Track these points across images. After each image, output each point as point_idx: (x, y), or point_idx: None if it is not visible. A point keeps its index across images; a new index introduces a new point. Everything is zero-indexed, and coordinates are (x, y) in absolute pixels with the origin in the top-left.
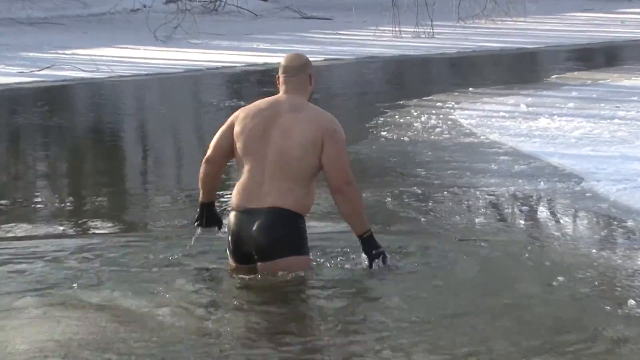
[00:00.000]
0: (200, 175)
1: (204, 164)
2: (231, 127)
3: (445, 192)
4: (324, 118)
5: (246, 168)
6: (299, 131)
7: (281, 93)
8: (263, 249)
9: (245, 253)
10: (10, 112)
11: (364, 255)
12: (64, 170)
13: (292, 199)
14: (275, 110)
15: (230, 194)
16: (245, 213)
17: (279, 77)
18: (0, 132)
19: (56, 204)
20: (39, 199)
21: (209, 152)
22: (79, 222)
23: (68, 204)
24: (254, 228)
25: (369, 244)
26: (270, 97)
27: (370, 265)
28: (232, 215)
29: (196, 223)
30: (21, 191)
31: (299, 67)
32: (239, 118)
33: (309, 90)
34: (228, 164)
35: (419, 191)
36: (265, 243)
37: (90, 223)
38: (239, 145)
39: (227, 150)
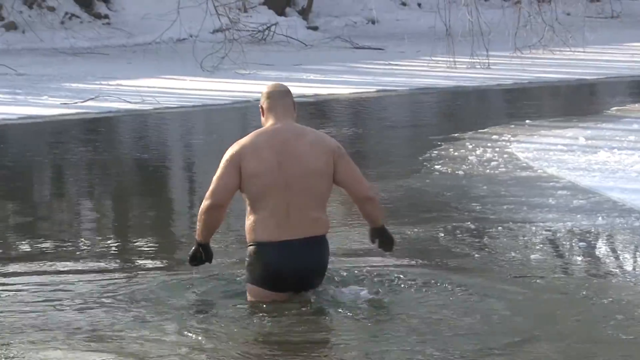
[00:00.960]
0: (207, 219)
1: (212, 210)
2: (237, 166)
3: (501, 228)
4: (327, 139)
5: (265, 202)
6: (312, 157)
7: (273, 120)
8: (313, 278)
9: (282, 283)
10: (53, 144)
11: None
12: (109, 204)
13: (322, 225)
14: (279, 138)
15: None
16: (278, 245)
17: (264, 106)
18: (44, 165)
19: (101, 240)
20: (82, 235)
21: (216, 197)
22: (125, 258)
23: (113, 239)
24: (300, 259)
25: (386, 230)
26: (266, 128)
27: (389, 245)
28: (260, 248)
29: (193, 263)
30: (65, 226)
31: (285, 92)
32: (246, 155)
33: (295, 116)
34: None
35: (474, 226)
36: (317, 272)
37: (136, 260)
38: (255, 181)
39: (234, 190)
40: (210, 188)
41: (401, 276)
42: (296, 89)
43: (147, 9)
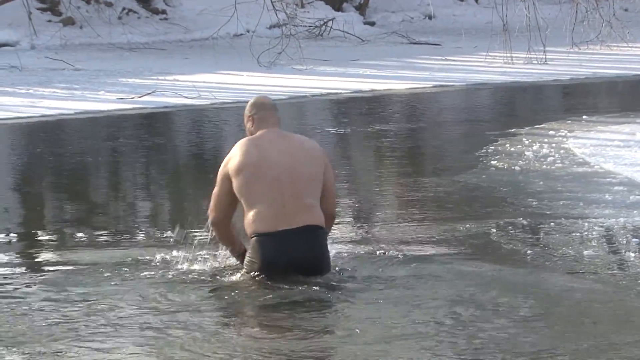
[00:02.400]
0: (217, 234)
1: (216, 226)
2: (227, 176)
3: (556, 223)
4: (317, 144)
5: (260, 196)
6: (304, 152)
7: (262, 130)
8: (313, 267)
9: (280, 271)
10: (110, 139)
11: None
12: (165, 199)
13: (319, 215)
14: (266, 138)
15: None
16: (276, 235)
17: (256, 116)
18: (101, 160)
19: (157, 231)
20: (139, 227)
21: (214, 214)
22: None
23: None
24: (299, 248)
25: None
26: (254, 135)
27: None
28: (259, 240)
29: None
30: (122, 219)
31: (275, 107)
32: (230, 159)
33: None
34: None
35: (529, 222)
36: (316, 262)
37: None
38: (240, 176)
39: (231, 202)
40: (210, 205)
41: (447, 270)
42: (353, 84)
43: (205, 4)
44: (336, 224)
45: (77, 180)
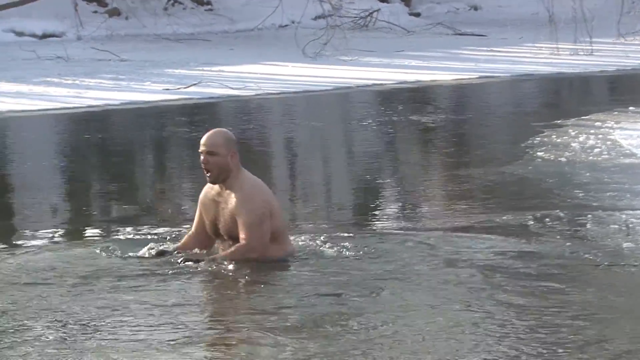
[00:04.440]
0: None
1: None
2: (269, 217)
3: (603, 215)
4: None
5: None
6: None
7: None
8: None
9: None
10: (156, 129)
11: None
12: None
13: None
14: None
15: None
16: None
17: (236, 154)
18: (147, 150)
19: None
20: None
21: (263, 247)
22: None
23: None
24: None
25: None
26: (253, 176)
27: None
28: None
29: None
30: (170, 213)
31: None
32: (275, 204)
33: None
34: None
35: (575, 213)
36: None
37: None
38: (278, 215)
39: None
40: (257, 239)
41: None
42: (398, 75)
43: None
44: (383, 215)
45: (121, 169)
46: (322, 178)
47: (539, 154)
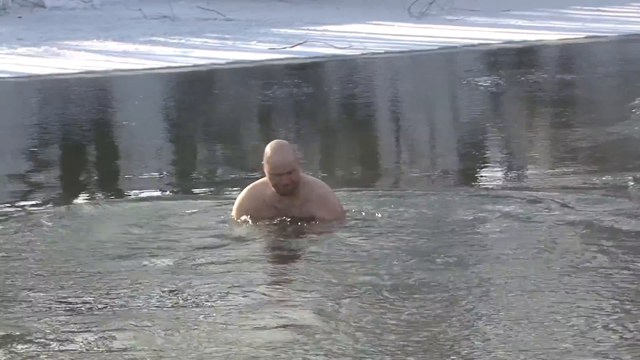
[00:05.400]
0: None
1: None
2: None
3: None
4: None
5: None
6: None
7: None
8: None
9: None
10: (261, 88)
11: None
12: (315, 148)
13: None
14: None
15: None
16: None
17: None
18: (252, 109)
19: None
20: None
21: None
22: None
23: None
24: None
25: None
26: None
27: None
28: None
29: None
30: None
31: None
32: None
33: None
34: None
35: None
36: None
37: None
38: None
39: None
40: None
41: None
42: (504, 35)
43: None
44: (487, 172)
45: (227, 128)
46: (428, 139)
47: None
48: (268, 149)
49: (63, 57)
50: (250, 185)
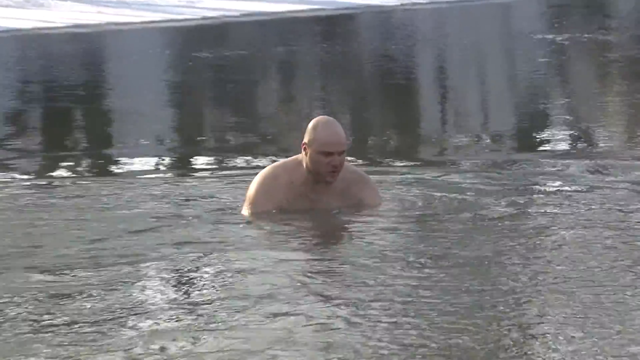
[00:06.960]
0: None
1: None
2: None
3: None
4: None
5: None
6: None
7: None
8: None
9: None
10: (285, 42)
11: None
12: (348, 102)
13: None
14: None
15: None
16: None
17: None
18: (278, 63)
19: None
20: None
21: None
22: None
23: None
24: None
25: None
26: None
27: None
28: None
29: None
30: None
31: None
32: None
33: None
34: None
35: None
36: None
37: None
38: None
39: None
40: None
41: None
42: None
43: None
44: (549, 136)
45: (239, 93)
46: (478, 103)
47: None
48: (316, 124)
49: (47, 7)
50: (265, 173)
